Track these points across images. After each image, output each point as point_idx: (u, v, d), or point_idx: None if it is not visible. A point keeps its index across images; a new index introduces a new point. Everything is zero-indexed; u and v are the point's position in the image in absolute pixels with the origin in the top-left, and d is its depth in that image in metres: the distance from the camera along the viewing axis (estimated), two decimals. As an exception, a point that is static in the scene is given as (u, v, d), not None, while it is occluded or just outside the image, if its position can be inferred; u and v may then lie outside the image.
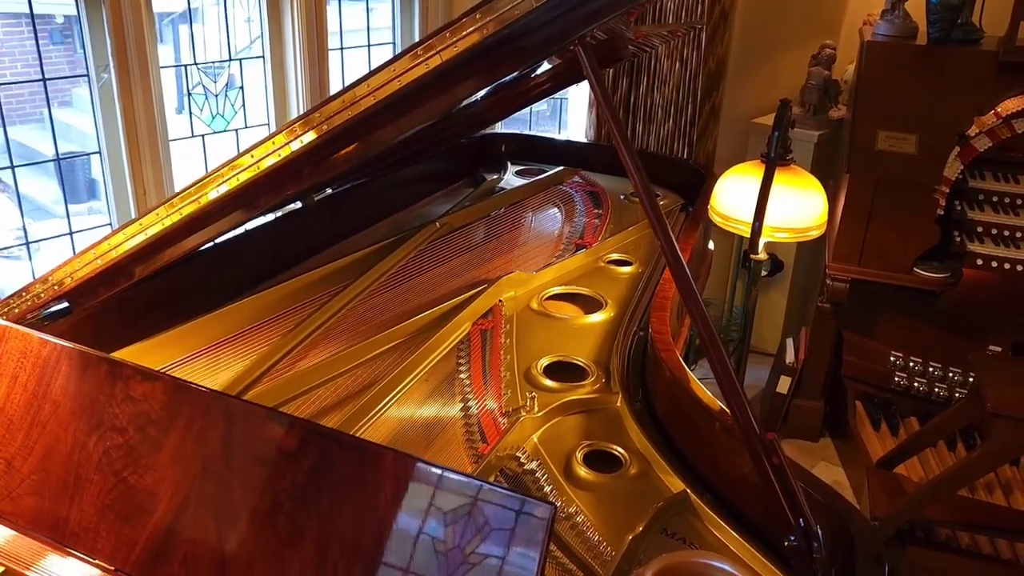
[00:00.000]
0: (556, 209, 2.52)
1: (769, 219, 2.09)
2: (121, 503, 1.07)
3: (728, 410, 1.18)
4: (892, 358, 2.77)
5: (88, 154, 2.73)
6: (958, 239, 2.60)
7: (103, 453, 1.08)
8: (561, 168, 2.72)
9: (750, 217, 2.09)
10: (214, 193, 1.29)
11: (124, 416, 1.08)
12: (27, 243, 3.08)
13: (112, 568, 1.07)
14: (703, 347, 1.12)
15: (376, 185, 2.33)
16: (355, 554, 0.96)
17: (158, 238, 1.33)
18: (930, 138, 2.59)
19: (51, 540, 1.10)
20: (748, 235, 2.11)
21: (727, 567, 0.79)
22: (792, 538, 1.13)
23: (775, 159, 2.01)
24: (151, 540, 1.05)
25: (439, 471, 0.96)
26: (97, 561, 1.07)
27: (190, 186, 1.31)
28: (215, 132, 2.89)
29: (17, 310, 1.42)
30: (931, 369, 2.73)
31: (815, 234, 2.17)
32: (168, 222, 1.30)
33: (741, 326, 3.11)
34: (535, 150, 2.86)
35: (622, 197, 2.61)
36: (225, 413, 1.04)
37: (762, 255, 2.17)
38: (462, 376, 1.67)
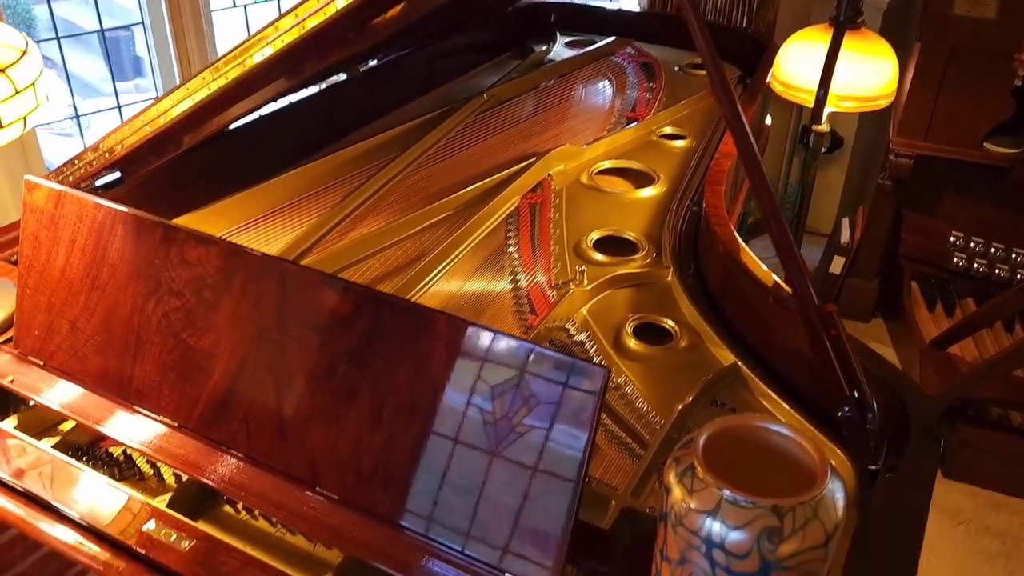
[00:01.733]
0: (607, 82, 2.43)
1: (835, 87, 1.97)
2: (181, 363, 1.10)
3: (786, 280, 1.15)
4: (952, 238, 2.68)
5: (131, 25, 2.69)
6: (1034, 111, 2.46)
7: (162, 316, 1.11)
8: (612, 39, 2.61)
9: (814, 86, 1.98)
10: (259, 56, 1.25)
11: (180, 280, 1.09)
12: (76, 116, 3.09)
13: (176, 424, 1.11)
14: (763, 213, 1.09)
15: (421, 56, 2.26)
16: (410, 413, 0.98)
17: (205, 104, 1.31)
18: (1012, 1, 2.41)
19: (117, 398, 1.14)
20: (811, 105, 2.01)
21: (784, 431, 0.78)
22: (846, 409, 1.12)
23: (844, 22, 1.87)
24: (212, 399, 1.08)
25: (491, 334, 0.96)
26: (162, 418, 1.11)
27: (235, 49, 1.28)
28: (256, 2, 2.82)
29: (71, 178, 1.43)
30: (993, 250, 2.64)
31: (883, 103, 2.06)
32: (214, 86, 1.28)
33: (796, 205, 3.03)
34: (586, 19, 2.74)
35: (676, 68, 2.50)
36: (279, 277, 1.04)
37: (824, 126, 2.08)
38: (511, 250, 1.66)
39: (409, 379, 0.99)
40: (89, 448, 1.17)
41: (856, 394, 1.11)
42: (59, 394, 1.17)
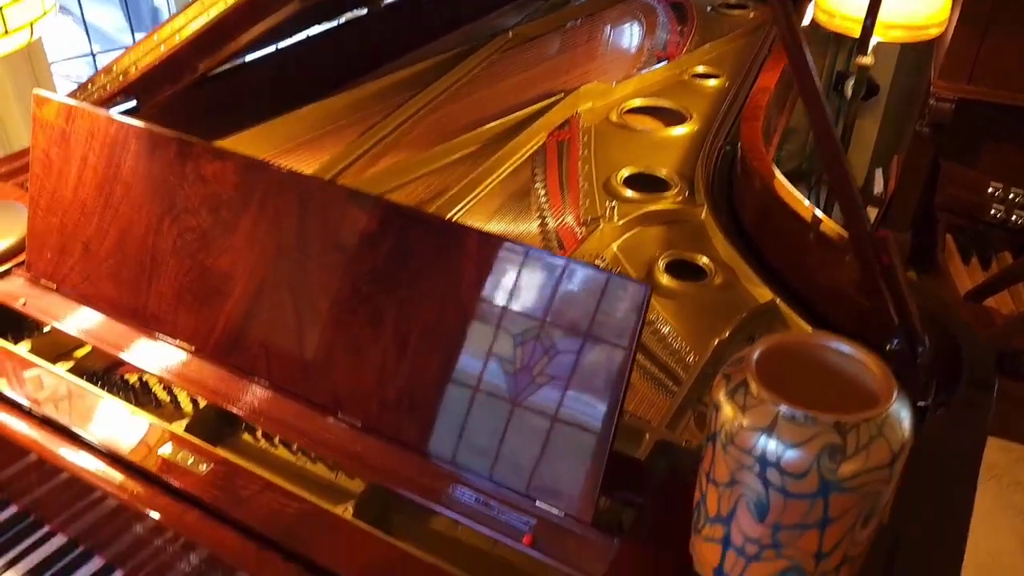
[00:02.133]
0: (636, 22, 2.34)
1: (883, 14, 1.86)
2: (198, 286, 1.05)
3: (835, 198, 1.08)
4: (991, 189, 2.58)
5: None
6: (1085, 52, 2.34)
7: (177, 236, 1.06)
8: (642, -23, 2.51)
9: (861, 13, 1.88)
10: (277, -32, 1.19)
11: (196, 198, 1.04)
12: (92, 54, 3.04)
13: (193, 350, 1.06)
14: (816, 134, 1.02)
15: (444, -5, 2.19)
16: (438, 337, 0.93)
17: (220, 20, 1.25)
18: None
19: (132, 322, 1.10)
20: (857, 35, 1.91)
21: (844, 347, 0.73)
22: (895, 341, 1.06)
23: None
24: (230, 323, 1.04)
25: (524, 250, 0.90)
26: (178, 343, 1.07)
27: (251, -39, 1.21)
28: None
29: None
30: (1033, 201, 2.55)
31: (933, 32, 1.95)
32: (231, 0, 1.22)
33: (826, 156, 2.93)
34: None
35: (709, 9, 2.41)
36: (300, 193, 0.99)
37: (869, 59, 1.98)
38: (537, 187, 1.60)
39: (437, 301, 0.93)
40: (104, 374, 1.14)
41: (906, 326, 1.05)
42: (73, 318, 1.13)
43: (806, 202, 1.38)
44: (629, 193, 1.58)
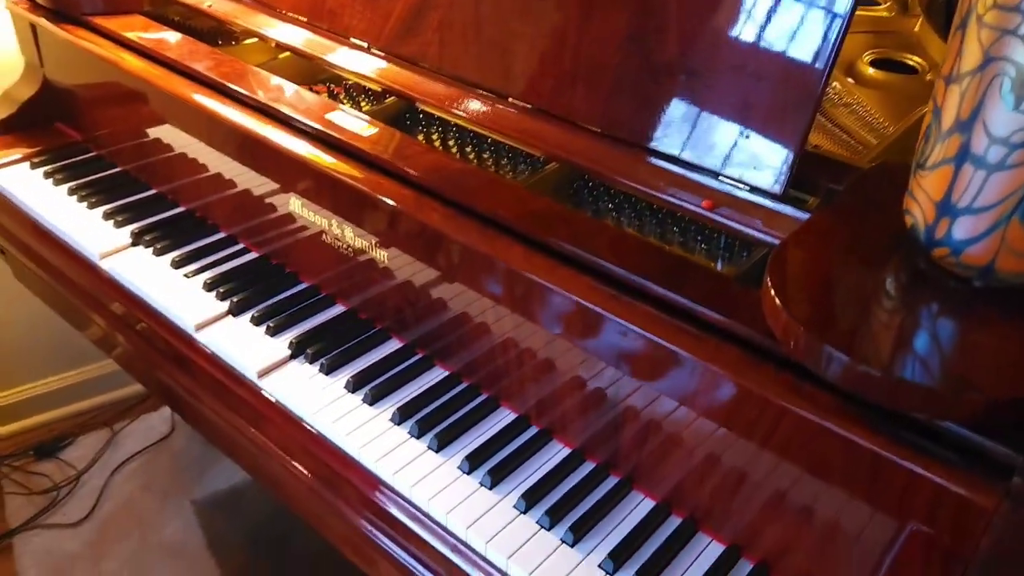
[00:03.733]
0: None
1: None
2: (379, -28, 1.02)
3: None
4: None
5: None
6: None
7: (364, -79, 1.03)
8: None
9: None
10: None
11: None
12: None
13: (366, 46, 1.04)
14: None
15: None
16: (620, 6, 0.85)
17: None
18: None
19: (311, 21, 1.09)
20: None
21: None
22: None
23: None
24: (405, 9, 1.00)
25: None
26: (352, 39, 1.05)
27: None
28: None
29: None
30: None
31: None
32: None
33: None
34: None
35: None
36: None
37: None
38: None
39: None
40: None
41: None
42: (256, 21, 1.13)
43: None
44: (832, 4, 1.44)
